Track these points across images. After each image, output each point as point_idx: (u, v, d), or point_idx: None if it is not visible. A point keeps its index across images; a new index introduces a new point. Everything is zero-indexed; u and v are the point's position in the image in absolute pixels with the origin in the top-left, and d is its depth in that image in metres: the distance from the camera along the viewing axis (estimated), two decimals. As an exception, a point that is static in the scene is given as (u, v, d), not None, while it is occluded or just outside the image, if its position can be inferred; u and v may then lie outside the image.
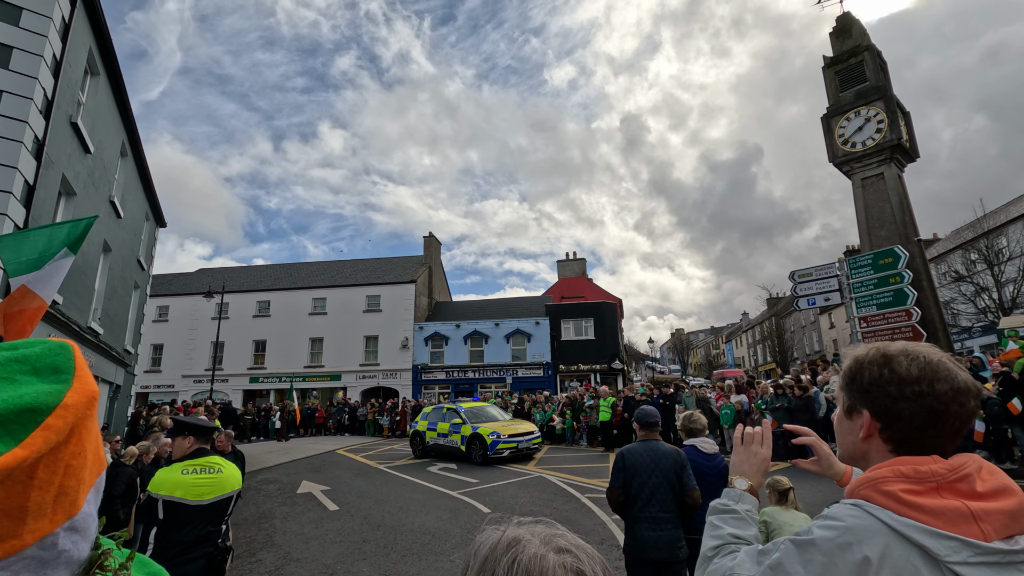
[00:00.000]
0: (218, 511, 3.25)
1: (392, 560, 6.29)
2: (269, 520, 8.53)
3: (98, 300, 12.71)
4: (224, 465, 3.36)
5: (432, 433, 15.37)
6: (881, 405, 1.02)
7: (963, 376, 1.00)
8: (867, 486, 0.95)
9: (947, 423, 0.98)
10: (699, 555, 1.21)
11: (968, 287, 23.75)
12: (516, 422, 15.37)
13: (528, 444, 14.03)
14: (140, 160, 15.14)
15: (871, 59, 13.41)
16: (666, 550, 3.62)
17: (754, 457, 1.39)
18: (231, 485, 3.32)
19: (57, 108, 8.73)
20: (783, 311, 52.99)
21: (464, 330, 31.51)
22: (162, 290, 33.98)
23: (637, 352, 64.60)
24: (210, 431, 3.49)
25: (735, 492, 1.31)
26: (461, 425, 14.47)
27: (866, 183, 12.87)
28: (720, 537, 1.20)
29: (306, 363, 32.12)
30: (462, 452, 14.11)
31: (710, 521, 1.27)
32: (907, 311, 11.19)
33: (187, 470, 3.28)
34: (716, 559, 1.15)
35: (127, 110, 13.03)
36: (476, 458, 13.59)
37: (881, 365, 1.04)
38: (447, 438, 14.80)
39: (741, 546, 1.15)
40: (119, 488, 5.20)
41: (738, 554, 1.10)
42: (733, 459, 1.42)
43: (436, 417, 15.73)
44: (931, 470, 0.93)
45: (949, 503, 0.88)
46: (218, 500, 3.23)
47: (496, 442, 13.38)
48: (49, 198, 8.81)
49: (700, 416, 4.59)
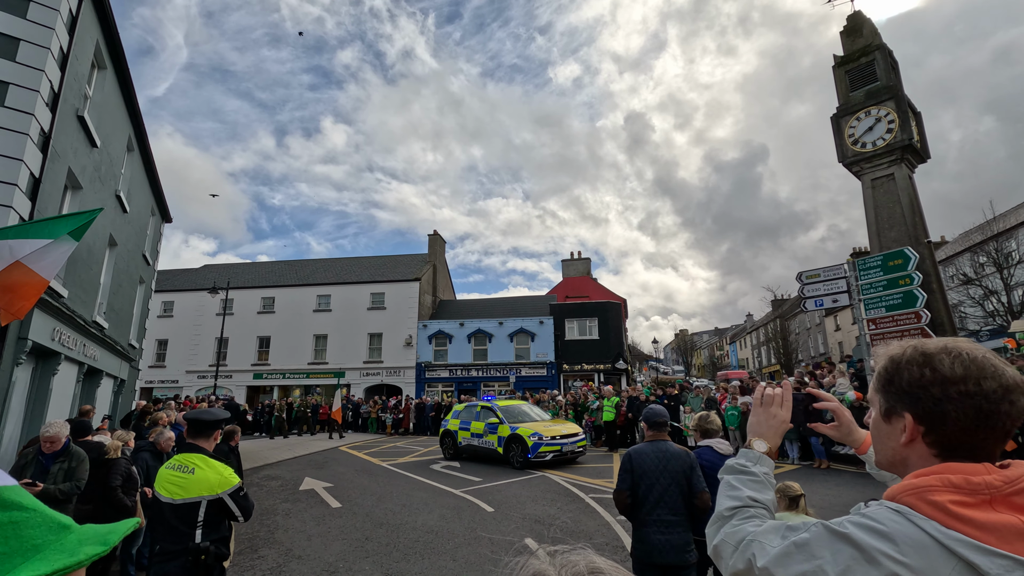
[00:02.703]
0: (188, 513, 3.06)
1: (395, 559, 6.24)
2: (271, 516, 8.50)
3: (103, 294, 12.71)
4: (202, 466, 3.15)
5: (465, 433, 14.31)
6: (924, 407, 0.95)
7: (1011, 372, 0.94)
8: (911, 493, 0.89)
9: (997, 424, 0.91)
10: (713, 513, 1.18)
11: (976, 290, 23.53)
12: (558, 423, 14.23)
13: (572, 447, 12.71)
14: (146, 155, 15.14)
15: (882, 58, 13.28)
16: (675, 554, 3.54)
17: (773, 419, 1.33)
18: (200, 490, 3.08)
19: (64, 101, 8.71)
20: (788, 313, 52.68)
21: (468, 328, 31.48)
22: (167, 286, 34.09)
23: (640, 352, 64.46)
24: (203, 425, 3.36)
25: (753, 453, 1.26)
26: (498, 425, 13.37)
27: (876, 184, 12.74)
28: (738, 499, 1.16)
29: (310, 360, 32.16)
30: (499, 455, 13.00)
31: (727, 480, 1.23)
32: (917, 313, 11.05)
33: (171, 464, 3.21)
34: (734, 520, 1.11)
35: (134, 105, 13.02)
36: (515, 462, 12.47)
37: (921, 364, 0.97)
38: (482, 439, 13.72)
39: (760, 511, 1.12)
40: (117, 480, 5.18)
41: (759, 521, 1.07)
42: (751, 420, 1.37)
43: (469, 416, 14.66)
44: (984, 481, 0.86)
45: (1003, 518, 0.82)
46: (186, 503, 3.06)
47: (538, 444, 12.21)
48: (55, 191, 8.80)
49: (716, 417, 4.52)
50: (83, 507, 5.22)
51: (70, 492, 4.80)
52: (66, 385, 10.78)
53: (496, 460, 13.17)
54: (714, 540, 1.12)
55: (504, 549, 6.43)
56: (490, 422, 13.71)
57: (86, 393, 12.24)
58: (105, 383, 13.76)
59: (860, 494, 8.22)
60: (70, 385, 11.04)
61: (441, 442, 15.32)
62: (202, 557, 3.08)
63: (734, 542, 1.05)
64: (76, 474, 4.88)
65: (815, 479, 9.97)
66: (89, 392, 12.45)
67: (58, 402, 10.16)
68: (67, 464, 4.87)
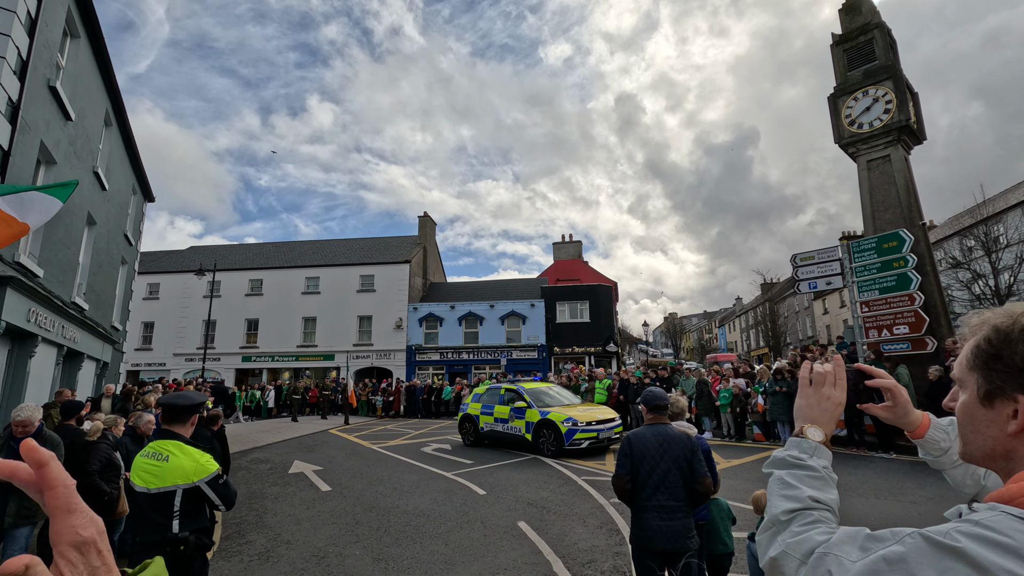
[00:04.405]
0: (164, 503, 2.90)
1: (385, 543, 6.12)
2: (260, 500, 8.35)
3: (83, 275, 12.33)
4: (176, 454, 2.98)
5: (487, 418, 13.18)
6: None
7: None
8: None
9: None
10: (767, 516, 0.98)
11: (965, 273, 23.73)
12: (591, 406, 13.13)
13: (609, 433, 11.47)
14: (126, 131, 14.61)
15: (881, 37, 13.05)
16: (676, 540, 3.44)
17: (826, 401, 1.12)
18: (174, 478, 2.90)
19: (33, 70, 8.27)
20: (777, 296, 53.08)
21: (459, 311, 31.30)
22: (152, 267, 33.45)
23: (630, 335, 64.81)
24: (178, 410, 3.15)
25: (808, 443, 1.05)
26: (526, 409, 12.24)
27: (872, 165, 12.61)
28: (797, 499, 0.95)
29: (299, 342, 31.86)
30: (527, 442, 11.94)
31: (779, 477, 1.02)
32: (910, 296, 11.04)
33: (146, 452, 3.04)
34: (794, 527, 0.91)
35: (111, 77, 12.49)
36: (546, 450, 11.37)
37: None
38: (507, 424, 12.62)
39: (825, 513, 0.93)
40: (95, 465, 4.98)
41: (827, 527, 0.89)
42: (799, 403, 1.15)
43: (492, 399, 13.50)
44: None
45: None
46: (161, 492, 2.89)
47: (573, 431, 11.06)
48: (27, 165, 8.40)
49: (680, 398, 4.45)
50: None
51: (44, 479, 4.59)
52: (45, 368, 10.47)
53: (523, 447, 12.19)
54: (770, 551, 0.92)
55: (497, 532, 6.34)
56: (516, 406, 12.57)
57: (67, 376, 11.93)
58: (87, 366, 13.44)
59: (850, 475, 8.22)
60: (49, 368, 10.73)
61: (460, 427, 14.28)
62: (181, 548, 2.91)
63: (799, 554, 0.86)
64: (50, 460, 4.66)
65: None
66: (70, 375, 12.13)
67: (37, 385, 9.87)
68: (41, 449, 4.65)
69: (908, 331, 11.05)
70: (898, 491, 7.26)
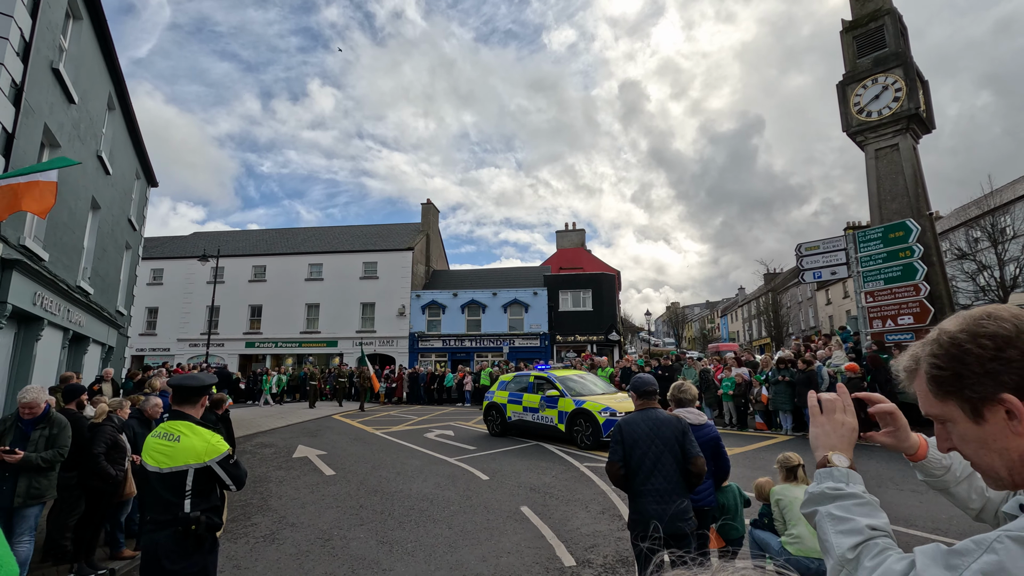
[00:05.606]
0: (175, 482, 2.95)
1: (389, 526, 6.19)
2: (264, 484, 8.43)
3: (87, 259, 12.35)
4: (188, 434, 3.03)
5: (515, 407, 12.61)
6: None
7: None
8: None
9: None
10: (833, 559, 0.93)
11: (970, 264, 23.58)
12: (624, 396, 12.11)
13: None
14: (129, 115, 14.54)
15: (891, 23, 12.85)
16: (672, 524, 3.46)
17: (842, 427, 1.13)
18: (186, 458, 2.95)
19: (36, 52, 8.21)
20: (780, 286, 52.92)
21: (461, 299, 31.33)
22: (156, 253, 33.50)
23: (632, 325, 64.81)
24: (189, 391, 3.19)
25: (840, 471, 1.03)
26: (558, 398, 11.64)
27: (880, 154, 12.49)
28: (857, 531, 0.92)
29: (302, 329, 31.98)
30: (560, 432, 11.37)
31: (827, 512, 0.98)
32: (916, 286, 10.99)
33: (157, 433, 3.07)
34: (866, 561, 0.86)
35: (114, 60, 12.40)
36: (582, 441, 10.78)
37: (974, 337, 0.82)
38: (538, 414, 12.02)
39: (887, 539, 0.90)
40: (100, 447, 5.03)
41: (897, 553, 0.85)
42: (814, 432, 1.16)
43: (519, 387, 12.96)
44: None
45: None
46: (173, 471, 2.94)
47: (611, 422, 10.32)
48: (31, 147, 8.38)
49: (691, 386, 4.46)
50: (67, 474, 5.08)
51: (53, 460, 4.64)
52: (51, 351, 10.53)
53: (556, 438, 11.67)
54: None
55: (500, 516, 6.39)
56: (548, 395, 11.92)
57: (73, 359, 12.01)
58: (92, 350, 13.51)
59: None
60: (55, 351, 10.80)
61: (486, 416, 13.64)
62: (192, 527, 2.95)
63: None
64: (58, 441, 4.71)
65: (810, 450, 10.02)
66: (76, 359, 12.21)
67: (43, 368, 9.93)
68: (48, 431, 4.69)
69: (912, 321, 11.01)
70: (900, 480, 7.28)
